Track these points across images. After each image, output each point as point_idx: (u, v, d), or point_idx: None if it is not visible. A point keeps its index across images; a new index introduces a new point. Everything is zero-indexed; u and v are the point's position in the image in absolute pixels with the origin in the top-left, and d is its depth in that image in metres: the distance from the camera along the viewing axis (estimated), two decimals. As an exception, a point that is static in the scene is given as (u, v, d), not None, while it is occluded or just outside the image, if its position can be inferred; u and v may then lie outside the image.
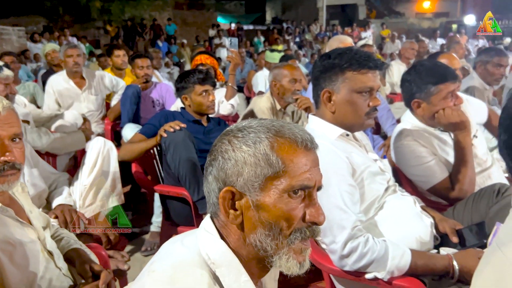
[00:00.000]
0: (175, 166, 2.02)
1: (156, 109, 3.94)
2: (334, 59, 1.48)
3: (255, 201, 0.77)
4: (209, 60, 3.50)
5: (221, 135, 0.84)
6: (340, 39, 3.37)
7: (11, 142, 1.14)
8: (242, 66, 7.09)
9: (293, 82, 2.71)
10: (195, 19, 21.61)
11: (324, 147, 1.38)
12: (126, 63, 4.38)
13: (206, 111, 2.45)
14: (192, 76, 2.43)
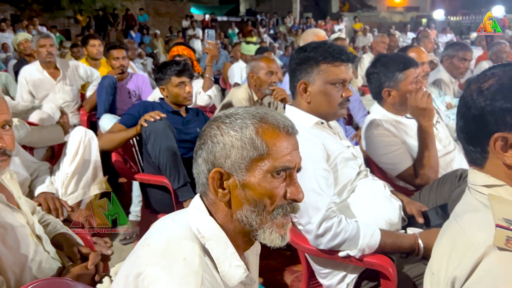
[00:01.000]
0: (155, 155, 2.07)
1: (133, 100, 3.95)
2: (310, 52, 1.56)
3: (242, 180, 0.85)
4: (186, 51, 3.53)
5: (210, 121, 0.92)
6: (314, 32, 3.46)
7: (1, 129, 1.18)
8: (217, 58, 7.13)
9: (269, 74, 2.79)
10: (168, 9, 21.31)
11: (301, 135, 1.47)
12: (101, 53, 4.36)
13: (183, 102, 2.50)
14: (170, 67, 2.47)
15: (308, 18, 18.56)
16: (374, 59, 2.05)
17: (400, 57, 2.00)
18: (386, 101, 2.02)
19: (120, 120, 2.40)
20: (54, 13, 16.67)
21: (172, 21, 20.71)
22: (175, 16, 20.96)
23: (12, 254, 1.14)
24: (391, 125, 1.98)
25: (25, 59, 4.86)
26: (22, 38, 4.84)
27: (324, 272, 1.53)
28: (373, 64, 2.02)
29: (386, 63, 1.95)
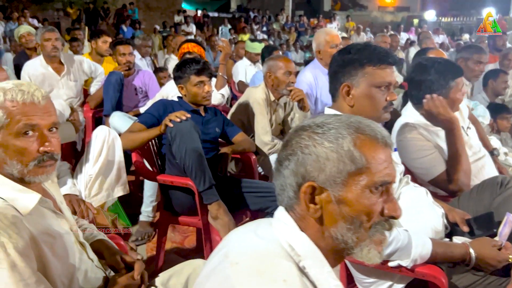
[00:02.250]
0: (181, 156, 2.01)
1: (139, 97, 3.87)
2: (354, 54, 1.52)
3: (337, 196, 0.80)
4: (196, 49, 3.46)
5: (297, 130, 0.86)
6: (326, 31, 3.41)
7: (48, 132, 1.11)
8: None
9: (287, 74, 2.75)
10: (159, 3, 21.03)
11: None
12: (110, 50, 4.26)
13: (201, 101, 2.44)
14: (189, 66, 2.41)
15: (300, 16, 18.53)
16: (425, 64, 1.97)
17: (452, 65, 1.97)
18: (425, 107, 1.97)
19: (140, 119, 2.33)
20: (43, 5, 16.34)
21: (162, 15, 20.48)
22: (165, 11, 20.72)
23: (60, 264, 1.07)
24: (424, 129, 1.95)
25: (25, 52, 4.72)
26: (25, 31, 4.70)
27: (368, 281, 1.49)
28: (425, 69, 1.95)
29: (442, 71, 1.90)
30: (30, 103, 1.08)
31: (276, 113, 2.92)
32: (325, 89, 3.27)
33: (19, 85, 1.09)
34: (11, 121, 1.06)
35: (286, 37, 15.31)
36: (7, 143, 1.06)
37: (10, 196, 1.05)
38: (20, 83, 1.10)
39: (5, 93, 1.07)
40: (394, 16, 22.45)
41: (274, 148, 2.69)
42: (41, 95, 1.10)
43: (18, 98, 1.07)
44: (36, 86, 1.11)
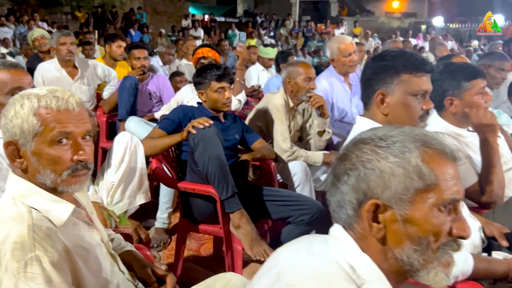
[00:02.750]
0: (203, 163, 1.97)
1: (153, 102, 3.84)
2: (390, 61, 1.48)
3: (403, 214, 0.75)
4: (211, 53, 3.42)
5: (356, 143, 0.81)
6: (339, 40, 3.35)
7: (82, 140, 1.07)
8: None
9: (307, 80, 2.70)
10: (166, 8, 21.15)
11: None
12: (124, 55, 4.24)
13: (221, 108, 2.41)
14: (210, 72, 2.38)
15: (308, 21, 18.51)
16: (440, 69, 1.95)
17: (467, 66, 1.93)
18: (447, 111, 1.94)
19: (160, 125, 2.29)
20: (51, 8, 16.42)
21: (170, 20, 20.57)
22: (173, 15, 20.82)
23: (94, 277, 1.03)
24: (453, 139, 1.90)
25: (38, 55, 4.71)
26: (38, 34, 4.69)
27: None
28: (439, 73, 1.93)
29: (452, 71, 1.87)
30: (65, 110, 1.04)
31: (294, 120, 2.87)
32: (341, 95, 3.23)
33: (53, 91, 1.05)
34: (45, 128, 1.02)
35: (293, 42, 15.30)
36: (41, 152, 1.02)
37: (43, 207, 1.01)
38: (54, 89, 1.07)
39: (39, 99, 1.03)
40: (401, 22, 22.41)
41: (293, 156, 2.64)
42: (75, 102, 1.06)
43: (52, 104, 1.03)
44: (70, 93, 1.07)
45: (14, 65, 1.64)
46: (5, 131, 1.04)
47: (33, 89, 1.07)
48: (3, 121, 1.04)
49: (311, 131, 2.93)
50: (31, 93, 1.05)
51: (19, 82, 1.62)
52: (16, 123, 1.02)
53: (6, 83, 1.60)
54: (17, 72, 1.64)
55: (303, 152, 2.69)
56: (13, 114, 1.02)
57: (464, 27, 20.38)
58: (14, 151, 1.04)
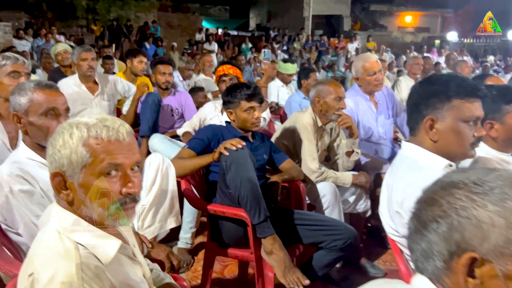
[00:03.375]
0: (236, 186, 1.91)
1: (175, 118, 3.80)
2: (440, 85, 1.41)
3: (504, 270, 0.67)
4: (232, 70, 3.35)
5: (446, 187, 0.74)
6: (364, 58, 3.27)
7: (130, 172, 1.01)
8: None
9: (337, 100, 2.64)
10: (180, 22, 21.43)
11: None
12: (145, 70, 4.23)
13: (250, 127, 2.35)
14: (239, 91, 2.33)
15: (321, 36, 18.53)
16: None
17: (506, 88, 1.86)
18: (487, 135, 1.86)
19: (189, 145, 2.24)
20: (68, 21, 16.68)
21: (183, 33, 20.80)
22: (186, 29, 21.05)
23: (138, 318, 0.97)
24: (497, 164, 1.81)
25: (59, 69, 4.72)
26: (62, 49, 4.71)
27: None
28: None
29: (494, 95, 1.80)
30: (115, 141, 0.99)
31: (322, 139, 2.81)
32: (367, 114, 3.16)
33: (103, 120, 1.00)
34: (94, 160, 0.97)
35: (307, 56, 15.31)
36: (89, 184, 0.97)
37: (90, 243, 0.95)
38: (104, 118, 1.02)
39: (89, 129, 0.98)
40: (415, 36, 22.36)
41: (322, 176, 2.57)
42: (125, 131, 1.01)
43: (103, 135, 0.98)
44: (120, 121, 1.02)
45: (49, 86, 1.61)
46: (52, 161, 0.99)
47: (82, 117, 1.02)
48: (51, 151, 0.99)
49: (339, 151, 2.86)
50: (80, 122, 1.00)
51: (53, 102, 1.58)
52: (64, 153, 0.97)
53: (41, 103, 1.56)
54: (51, 92, 1.60)
55: (332, 173, 2.62)
56: (62, 144, 0.98)
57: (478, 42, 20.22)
58: (61, 182, 0.99)
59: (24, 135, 1.60)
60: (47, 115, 1.57)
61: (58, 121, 1.57)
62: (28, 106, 1.56)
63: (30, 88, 1.58)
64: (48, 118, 1.56)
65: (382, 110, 3.23)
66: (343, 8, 22.34)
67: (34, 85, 1.58)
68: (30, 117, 1.56)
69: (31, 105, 1.56)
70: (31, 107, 1.56)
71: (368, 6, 23.99)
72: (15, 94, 1.59)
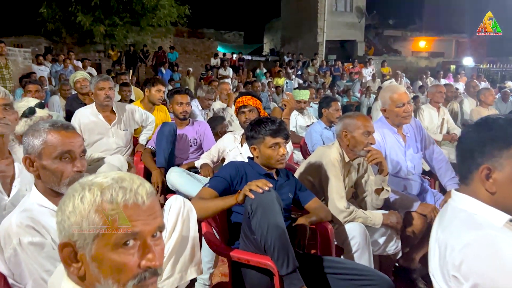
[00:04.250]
0: (262, 233, 1.75)
1: (193, 149, 3.69)
2: (497, 130, 1.26)
3: None
4: (252, 101, 3.22)
5: None
6: (392, 89, 3.11)
7: (151, 239, 0.87)
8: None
9: (366, 134, 2.49)
10: (195, 47, 21.74)
11: (498, 239, 1.15)
12: (163, 99, 4.16)
13: (274, 165, 2.21)
14: (264, 126, 2.20)
15: (335, 61, 18.52)
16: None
17: None
18: None
19: (210, 184, 2.10)
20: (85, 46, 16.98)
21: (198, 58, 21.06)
22: (201, 54, 21.33)
23: None
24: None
25: (78, 97, 4.67)
26: (81, 76, 4.68)
27: None
28: None
29: None
30: (133, 205, 0.85)
31: (349, 175, 2.65)
32: (395, 148, 3.00)
33: (120, 181, 0.87)
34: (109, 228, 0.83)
35: (322, 80, 15.25)
36: (102, 257, 0.83)
37: None
38: (121, 177, 0.88)
39: (103, 191, 0.85)
40: (429, 61, 22.25)
41: (351, 216, 2.40)
42: (145, 193, 0.87)
43: (119, 199, 0.84)
44: (140, 181, 0.89)
45: (65, 126, 1.49)
46: (62, 230, 0.85)
47: (96, 177, 0.88)
48: (60, 217, 0.86)
49: (367, 188, 2.69)
50: (93, 182, 0.87)
51: (69, 145, 1.47)
52: (74, 220, 0.84)
53: (56, 146, 1.45)
54: (67, 134, 1.48)
55: (361, 212, 2.45)
56: (71, 210, 0.84)
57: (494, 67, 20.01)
58: (71, 254, 0.85)
59: (37, 180, 1.48)
60: (61, 158, 1.45)
61: (73, 164, 1.45)
62: (41, 149, 1.45)
63: (44, 129, 1.46)
64: (63, 162, 1.44)
65: (411, 144, 3.06)
66: (356, 33, 22.42)
67: (49, 126, 1.47)
68: (43, 161, 1.44)
69: (45, 148, 1.45)
70: (45, 150, 1.45)
71: (382, 31, 24.03)
72: (28, 135, 1.48)
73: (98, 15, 14.85)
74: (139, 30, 17.10)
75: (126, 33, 16.63)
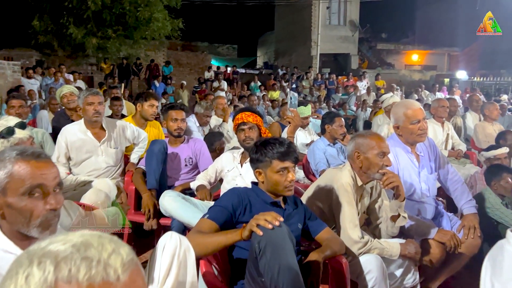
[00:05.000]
0: (272, 275, 1.50)
1: (188, 169, 3.43)
2: None
3: None
4: (252, 118, 2.96)
5: None
6: (406, 105, 2.88)
7: None
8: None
9: (381, 155, 2.26)
10: (189, 60, 21.65)
11: None
12: (156, 115, 3.91)
13: (282, 192, 1.97)
14: (271, 148, 1.95)
15: (330, 74, 18.42)
16: None
17: None
18: None
19: (210, 215, 1.85)
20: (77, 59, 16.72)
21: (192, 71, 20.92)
22: (195, 67, 21.22)
23: None
24: None
25: (65, 112, 4.40)
26: (67, 91, 4.40)
27: None
28: None
29: None
30: (102, 284, 0.60)
31: (362, 200, 2.41)
32: (408, 169, 2.77)
33: (83, 248, 0.61)
34: None
35: (317, 94, 15.10)
36: None
37: None
38: (85, 242, 0.62)
39: (58, 266, 0.59)
40: (423, 74, 22.28)
41: (365, 248, 2.15)
42: (120, 264, 0.61)
43: (80, 276, 0.59)
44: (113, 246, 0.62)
45: (36, 155, 1.23)
46: None
47: (51, 243, 0.62)
48: None
49: (381, 214, 2.45)
50: (45, 252, 0.61)
51: (40, 178, 1.20)
52: None
53: (24, 179, 1.18)
54: (38, 164, 1.22)
55: (377, 243, 2.20)
56: None
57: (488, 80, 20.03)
58: None
59: (1, 220, 1.21)
60: (31, 194, 1.18)
61: (45, 201, 1.19)
62: (6, 183, 1.18)
63: (10, 158, 1.20)
64: (33, 199, 1.18)
65: (425, 164, 2.83)
66: (350, 47, 22.44)
67: (16, 154, 1.20)
68: (8, 197, 1.18)
69: (11, 181, 1.18)
70: (10, 184, 1.18)
71: (375, 45, 24.07)
72: None
73: (91, 27, 14.62)
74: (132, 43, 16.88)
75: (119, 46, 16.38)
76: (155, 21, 16.25)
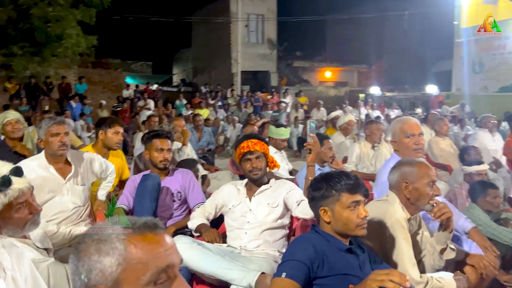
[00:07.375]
0: None
1: (177, 204, 2.98)
2: None
3: None
4: (259, 146, 2.62)
5: None
6: (403, 120, 2.88)
7: None
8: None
9: (430, 185, 2.08)
10: (102, 78, 20.39)
11: None
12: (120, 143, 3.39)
13: (353, 231, 1.70)
14: (338, 181, 1.68)
15: (255, 91, 18.51)
16: None
17: None
18: None
19: (287, 273, 1.49)
20: (-22, 78, 14.87)
21: (105, 89, 19.72)
22: (108, 85, 20.03)
23: None
24: None
25: (5, 143, 3.65)
26: (13, 118, 3.65)
27: None
28: None
29: None
30: None
31: (406, 234, 2.20)
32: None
33: None
34: None
35: (246, 110, 14.99)
36: None
37: None
38: None
39: None
40: (338, 90, 23.34)
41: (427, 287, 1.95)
42: None
43: None
44: None
45: (150, 225, 0.83)
46: None
47: None
48: None
49: (423, 247, 2.26)
50: None
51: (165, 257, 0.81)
52: None
53: (147, 263, 0.78)
54: (158, 238, 0.82)
55: (436, 281, 2.01)
56: None
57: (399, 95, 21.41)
58: None
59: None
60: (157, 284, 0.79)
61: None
62: (120, 273, 0.78)
63: (119, 237, 0.80)
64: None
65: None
66: (269, 64, 22.92)
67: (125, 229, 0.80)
68: None
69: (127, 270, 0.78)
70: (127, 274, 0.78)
71: (292, 62, 24.84)
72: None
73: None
74: (41, 60, 15.41)
75: (25, 63, 14.85)
76: (67, 38, 15.00)
